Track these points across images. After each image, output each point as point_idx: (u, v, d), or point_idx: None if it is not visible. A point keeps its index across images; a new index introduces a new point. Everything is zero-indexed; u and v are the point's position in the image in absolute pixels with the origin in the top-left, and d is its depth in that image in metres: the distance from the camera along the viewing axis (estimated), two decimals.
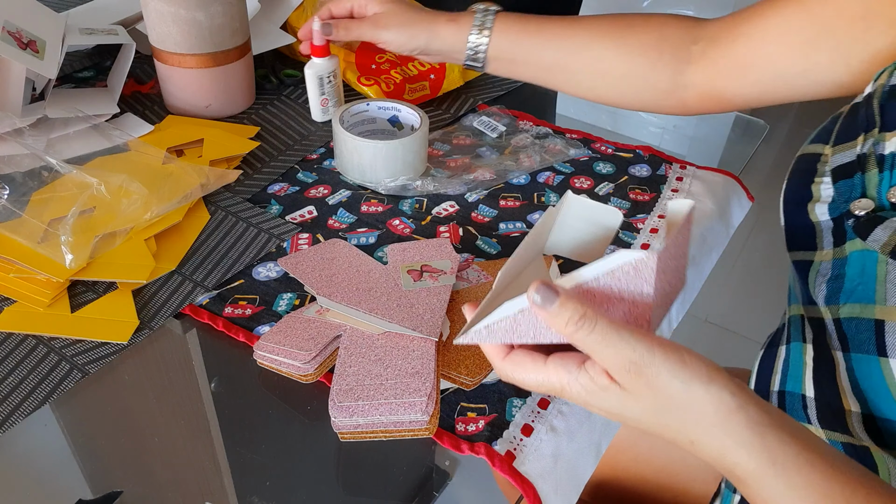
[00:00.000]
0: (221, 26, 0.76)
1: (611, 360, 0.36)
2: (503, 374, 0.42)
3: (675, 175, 0.79)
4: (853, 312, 0.43)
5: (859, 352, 0.43)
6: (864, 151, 0.44)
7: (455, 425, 0.49)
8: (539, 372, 0.40)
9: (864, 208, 0.43)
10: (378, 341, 0.52)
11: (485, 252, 0.66)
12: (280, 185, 0.73)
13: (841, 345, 0.45)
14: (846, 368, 0.45)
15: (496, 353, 0.42)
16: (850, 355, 0.44)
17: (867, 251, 0.42)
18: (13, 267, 0.58)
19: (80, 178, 0.63)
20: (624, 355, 0.36)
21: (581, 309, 0.36)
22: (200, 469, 0.47)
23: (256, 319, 0.57)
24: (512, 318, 0.39)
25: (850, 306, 0.44)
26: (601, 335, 0.36)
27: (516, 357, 0.41)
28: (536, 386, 0.40)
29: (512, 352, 0.41)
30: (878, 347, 0.41)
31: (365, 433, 0.47)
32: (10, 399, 0.49)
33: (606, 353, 0.36)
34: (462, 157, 0.80)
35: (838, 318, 0.45)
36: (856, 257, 0.43)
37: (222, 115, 0.83)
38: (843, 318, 0.44)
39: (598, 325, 0.36)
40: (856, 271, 0.43)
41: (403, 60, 0.88)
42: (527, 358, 0.40)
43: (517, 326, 0.40)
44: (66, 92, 0.83)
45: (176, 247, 0.63)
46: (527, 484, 0.46)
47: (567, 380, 0.39)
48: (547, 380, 0.39)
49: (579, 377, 0.38)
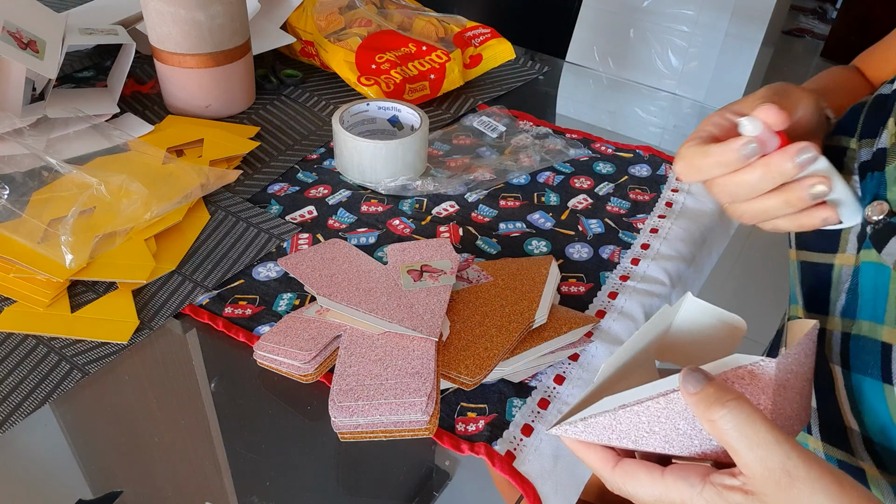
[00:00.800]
0: (221, 26, 0.76)
1: (758, 465, 0.31)
2: (613, 486, 0.38)
3: (676, 175, 0.79)
4: (862, 330, 0.41)
5: (862, 374, 0.41)
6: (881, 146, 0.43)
7: (455, 425, 0.49)
8: (656, 485, 0.35)
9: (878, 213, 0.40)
10: (378, 341, 0.52)
11: (485, 252, 0.66)
12: (280, 185, 0.73)
13: (842, 361, 0.43)
14: (845, 386, 0.43)
15: (604, 461, 0.38)
16: (850, 374, 0.42)
17: (881, 266, 0.40)
18: (13, 267, 0.58)
19: (80, 178, 0.63)
20: (775, 462, 0.31)
21: (732, 393, 0.32)
22: (200, 469, 0.47)
23: (256, 319, 0.57)
24: (612, 413, 0.36)
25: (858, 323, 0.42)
26: (752, 429, 0.31)
27: (628, 467, 0.37)
28: (652, 500, 0.36)
29: (622, 461, 0.37)
30: (883, 373, 0.39)
31: (365, 433, 0.47)
32: (10, 399, 0.49)
33: (755, 454, 0.31)
34: (462, 157, 0.80)
35: (848, 333, 0.43)
36: (869, 269, 0.41)
37: (222, 115, 0.83)
38: (852, 333, 0.42)
39: (750, 417, 0.32)
40: (869, 285, 0.41)
41: (403, 60, 0.88)
42: (641, 469, 0.36)
43: (617, 424, 0.36)
44: (66, 92, 0.83)
45: (176, 247, 0.63)
46: (527, 484, 0.46)
47: (689, 495, 0.34)
48: (666, 494, 0.35)
49: (704, 492, 0.34)
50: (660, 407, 0.35)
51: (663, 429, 0.36)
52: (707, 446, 0.36)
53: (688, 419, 0.35)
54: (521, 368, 0.53)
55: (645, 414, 0.36)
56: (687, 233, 0.70)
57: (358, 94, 0.90)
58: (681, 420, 0.35)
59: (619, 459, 0.37)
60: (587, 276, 0.64)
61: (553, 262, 0.60)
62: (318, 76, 0.94)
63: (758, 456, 0.31)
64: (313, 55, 0.94)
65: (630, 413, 0.36)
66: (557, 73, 1.03)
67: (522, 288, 0.57)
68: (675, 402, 0.35)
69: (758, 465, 0.31)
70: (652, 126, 0.93)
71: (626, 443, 0.37)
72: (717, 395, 0.33)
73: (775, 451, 0.31)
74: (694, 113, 0.99)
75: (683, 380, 0.33)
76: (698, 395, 0.33)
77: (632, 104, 1.00)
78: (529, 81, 0.99)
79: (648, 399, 0.35)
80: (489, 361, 0.50)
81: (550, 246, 0.67)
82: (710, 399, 0.33)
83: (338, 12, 0.94)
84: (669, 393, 0.35)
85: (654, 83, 2.28)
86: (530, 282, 0.57)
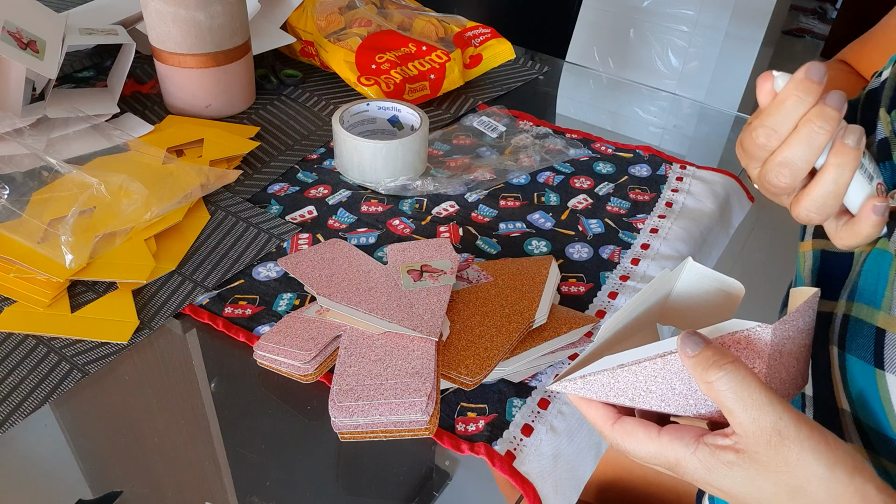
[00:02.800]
0: (221, 26, 0.76)
1: (751, 424, 0.33)
2: (612, 442, 0.39)
3: (675, 175, 0.79)
4: (862, 314, 0.42)
5: (856, 356, 0.42)
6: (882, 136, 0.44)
7: (455, 425, 0.49)
8: (651, 442, 0.37)
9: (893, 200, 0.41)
10: (378, 341, 0.52)
11: (485, 252, 0.66)
12: (280, 185, 0.73)
13: (839, 341, 0.44)
14: (839, 366, 0.44)
15: (604, 418, 0.39)
16: (845, 354, 0.43)
17: (885, 252, 0.41)
18: (13, 267, 0.58)
19: (80, 178, 0.63)
20: (767, 422, 0.32)
21: (729, 356, 0.33)
22: (200, 469, 0.47)
23: (256, 319, 0.57)
24: (610, 372, 0.37)
25: (859, 306, 0.43)
26: (746, 391, 0.32)
27: (627, 425, 0.38)
28: (648, 458, 0.37)
29: (621, 419, 0.38)
30: (875, 357, 0.40)
31: (365, 433, 0.47)
32: (10, 399, 0.49)
33: (749, 414, 0.33)
34: (462, 157, 0.80)
35: (848, 315, 0.44)
36: (875, 255, 0.42)
37: (222, 115, 0.83)
38: (852, 316, 0.43)
39: (745, 379, 0.33)
40: (873, 270, 0.42)
41: (403, 60, 0.88)
42: (639, 427, 0.37)
43: (615, 383, 0.37)
44: (66, 92, 0.83)
45: (176, 247, 0.63)
46: (527, 484, 0.46)
47: (683, 454, 0.35)
48: (660, 452, 0.36)
49: (697, 452, 0.35)
50: (657, 367, 0.37)
51: (660, 388, 0.37)
52: (702, 406, 0.37)
53: (683, 380, 0.36)
54: (521, 368, 0.53)
55: (642, 374, 0.37)
56: (687, 233, 0.70)
57: (358, 94, 0.90)
58: (676, 381, 0.37)
59: (618, 417, 0.38)
60: (587, 276, 0.64)
61: (553, 262, 0.60)
62: (318, 76, 0.94)
63: (751, 416, 0.33)
64: (313, 55, 0.94)
65: (628, 372, 0.37)
66: (557, 73, 1.03)
67: (522, 288, 0.57)
68: (671, 363, 0.36)
69: (750, 424, 0.33)
70: (652, 126, 0.93)
71: (623, 400, 0.38)
72: (715, 358, 0.34)
73: (768, 411, 0.32)
74: (694, 113, 0.99)
75: (682, 342, 0.35)
76: (696, 358, 0.34)
77: (632, 104, 1.00)
78: (529, 81, 0.99)
79: (646, 359, 0.37)
80: (489, 361, 0.50)
81: (550, 246, 0.67)
82: (707, 361, 0.34)
83: (338, 12, 0.94)
84: (666, 354, 0.36)
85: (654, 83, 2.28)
86: (530, 282, 0.57)
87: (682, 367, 0.36)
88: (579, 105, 0.94)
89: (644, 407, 0.37)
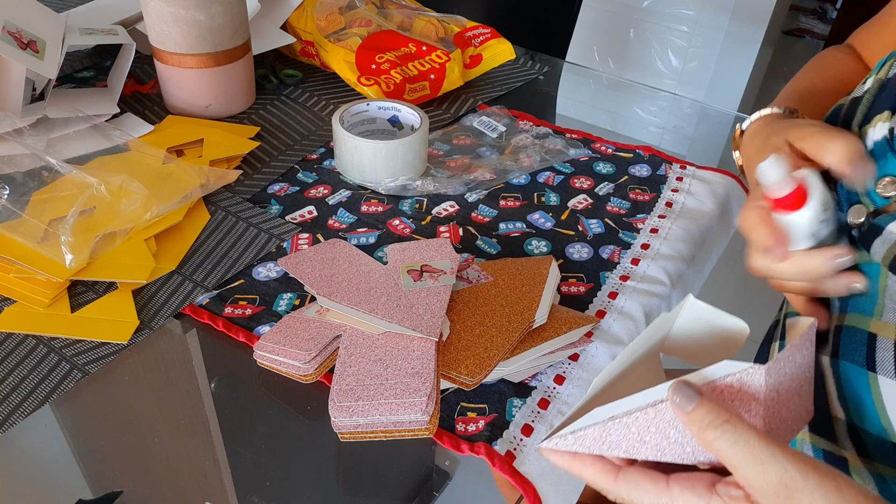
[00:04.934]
0: (221, 26, 0.76)
1: (757, 479, 0.32)
2: (617, 497, 0.37)
3: (675, 175, 0.79)
4: (852, 322, 0.43)
5: (849, 361, 0.42)
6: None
7: (455, 425, 0.49)
8: (661, 494, 0.35)
9: (856, 216, 0.42)
10: (378, 341, 0.52)
11: (485, 252, 0.66)
12: (280, 185, 0.73)
13: (832, 350, 0.44)
14: (833, 374, 0.44)
15: (604, 474, 0.37)
16: (838, 362, 0.43)
17: (873, 263, 0.42)
18: (13, 267, 0.58)
19: (80, 178, 0.63)
20: (773, 476, 0.31)
21: (725, 414, 0.32)
22: (200, 469, 0.47)
23: (256, 319, 0.57)
24: (601, 425, 0.36)
25: (851, 315, 0.43)
26: (747, 448, 0.32)
27: (631, 476, 0.36)
28: None
29: (623, 470, 0.37)
30: (867, 360, 0.41)
31: (365, 433, 0.47)
32: (10, 399, 0.49)
33: (753, 470, 0.32)
34: (462, 157, 0.80)
35: (840, 326, 0.44)
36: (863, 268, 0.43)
37: (222, 115, 0.83)
38: (845, 325, 0.44)
39: (744, 436, 0.32)
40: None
41: (403, 60, 0.88)
42: (645, 478, 0.36)
43: (607, 436, 0.36)
44: (66, 92, 0.83)
45: (176, 247, 0.63)
46: (527, 484, 0.46)
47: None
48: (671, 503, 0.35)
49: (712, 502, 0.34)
50: (649, 417, 0.35)
51: (654, 438, 0.36)
52: (700, 454, 0.36)
53: (678, 428, 0.35)
54: (521, 368, 0.52)
55: (635, 425, 0.36)
56: (687, 233, 0.70)
57: (358, 94, 0.90)
58: (671, 429, 0.35)
59: (619, 469, 0.37)
60: (587, 276, 0.64)
61: (553, 262, 0.60)
62: (318, 76, 0.94)
63: (755, 472, 0.32)
64: (313, 55, 0.94)
65: (620, 425, 0.35)
66: (557, 73, 1.03)
67: (522, 288, 0.57)
68: (663, 412, 0.35)
69: (755, 479, 0.32)
70: (652, 126, 0.93)
71: (617, 453, 0.36)
72: (710, 417, 0.33)
73: (771, 465, 0.31)
74: (694, 113, 0.99)
75: (675, 396, 0.33)
76: (692, 416, 0.33)
77: (632, 104, 1.00)
78: (529, 81, 0.99)
79: (637, 410, 0.35)
80: (489, 361, 0.50)
81: (550, 246, 0.67)
82: (703, 420, 0.33)
83: (338, 12, 0.94)
84: (657, 403, 0.35)
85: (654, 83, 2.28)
86: (530, 282, 0.57)
87: (675, 417, 0.35)
88: (579, 105, 0.94)
89: (640, 458, 0.36)
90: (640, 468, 0.37)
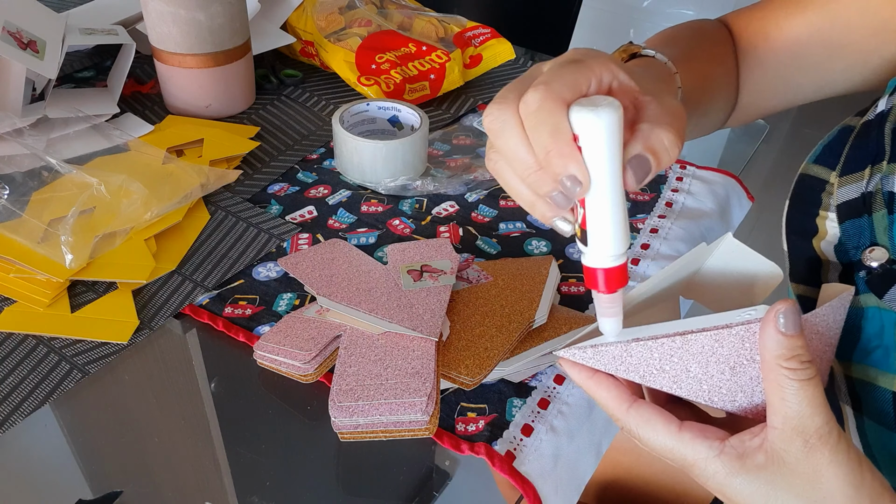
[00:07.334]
0: (221, 26, 0.76)
1: (799, 419, 0.31)
2: (625, 427, 0.36)
3: (675, 175, 0.79)
4: (868, 377, 0.40)
5: (878, 422, 0.40)
6: (870, 189, 0.41)
7: (455, 425, 0.49)
8: (670, 437, 0.34)
9: (878, 259, 0.39)
10: (378, 341, 0.52)
11: (485, 252, 0.66)
12: (280, 185, 0.73)
13: (852, 402, 0.42)
14: (857, 428, 0.42)
15: (617, 400, 0.36)
16: (863, 419, 0.41)
17: (886, 311, 0.39)
18: (13, 267, 0.58)
19: (80, 178, 0.63)
20: (816, 422, 0.31)
21: (809, 354, 0.32)
22: (200, 469, 0.47)
23: (256, 319, 0.57)
24: (624, 345, 0.35)
25: (864, 368, 0.41)
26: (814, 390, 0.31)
27: (644, 412, 0.35)
28: (662, 451, 0.35)
29: (637, 402, 0.35)
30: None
31: (365, 433, 0.47)
32: (10, 399, 0.49)
33: (803, 411, 0.31)
34: (462, 157, 0.80)
35: (850, 377, 0.42)
36: (873, 314, 0.40)
37: (222, 115, 0.83)
38: (857, 378, 0.41)
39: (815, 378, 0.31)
40: (874, 331, 0.40)
41: (403, 60, 0.88)
42: (658, 417, 0.35)
43: (627, 357, 0.35)
44: (66, 92, 0.83)
45: (176, 247, 0.63)
46: (527, 484, 0.46)
47: (705, 455, 0.33)
48: (678, 449, 0.34)
49: (723, 454, 0.33)
50: (675, 346, 0.34)
51: (674, 369, 0.35)
52: (715, 394, 0.35)
53: (700, 363, 0.34)
54: (521, 368, 0.52)
55: (658, 350, 0.35)
56: (687, 233, 0.70)
57: (358, 94, 0.90)
58: (693, 363, 0.34)
59: (633, 400, 0.36)
60: None
61: (553, 262, 0.60)
62: (318, 76, 0.94)
63: (804, 413, 0.31)
64: (313, 55, 0.94)
65: (643, 347, 0.34)
66: None
67: (522, 288, 0.57)
68: (691, 343, 0.34)
69: (797, 419, 0.31)
70: None
71: (633, 376, 0.35)
72: (801, 351, 0.32)
73: (820, 412, 0.31)
74: None
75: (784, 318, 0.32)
76: (790, 340, 0.32)
77: None
78: None
79: (664, 336, 0.34)
80: (489, 361, 0.50)
81: (550, 246, 0.67)
82: (795, 350, 0.32)
83: (338, 12, 0.94)
84: (687, 333, 0.34)
85: None
86: (530, 282, 0.57)
87: (701, 350, 0.34)
88: None
89: (654, 386, 0.35)
90: (655, 405, 0.35)
